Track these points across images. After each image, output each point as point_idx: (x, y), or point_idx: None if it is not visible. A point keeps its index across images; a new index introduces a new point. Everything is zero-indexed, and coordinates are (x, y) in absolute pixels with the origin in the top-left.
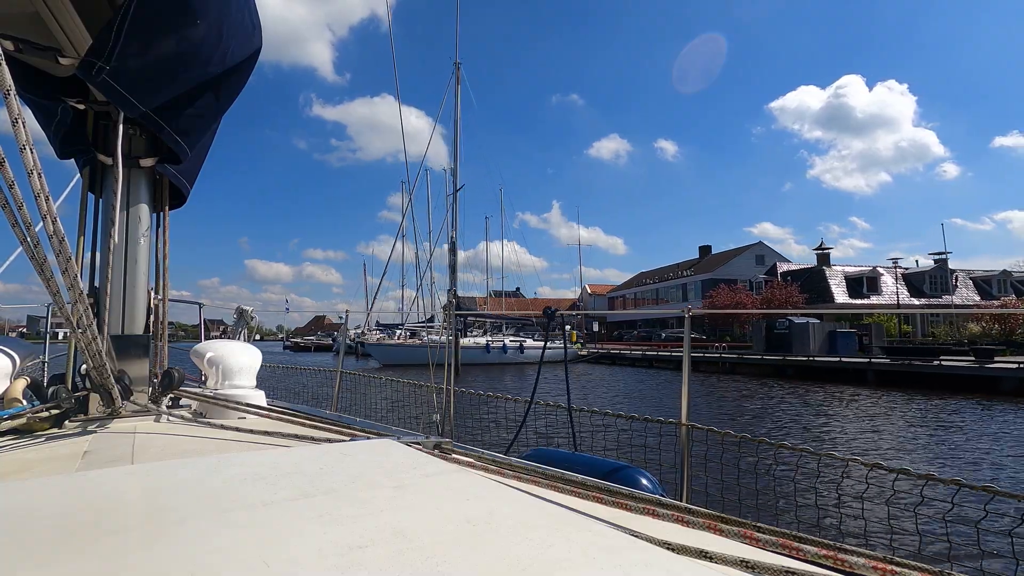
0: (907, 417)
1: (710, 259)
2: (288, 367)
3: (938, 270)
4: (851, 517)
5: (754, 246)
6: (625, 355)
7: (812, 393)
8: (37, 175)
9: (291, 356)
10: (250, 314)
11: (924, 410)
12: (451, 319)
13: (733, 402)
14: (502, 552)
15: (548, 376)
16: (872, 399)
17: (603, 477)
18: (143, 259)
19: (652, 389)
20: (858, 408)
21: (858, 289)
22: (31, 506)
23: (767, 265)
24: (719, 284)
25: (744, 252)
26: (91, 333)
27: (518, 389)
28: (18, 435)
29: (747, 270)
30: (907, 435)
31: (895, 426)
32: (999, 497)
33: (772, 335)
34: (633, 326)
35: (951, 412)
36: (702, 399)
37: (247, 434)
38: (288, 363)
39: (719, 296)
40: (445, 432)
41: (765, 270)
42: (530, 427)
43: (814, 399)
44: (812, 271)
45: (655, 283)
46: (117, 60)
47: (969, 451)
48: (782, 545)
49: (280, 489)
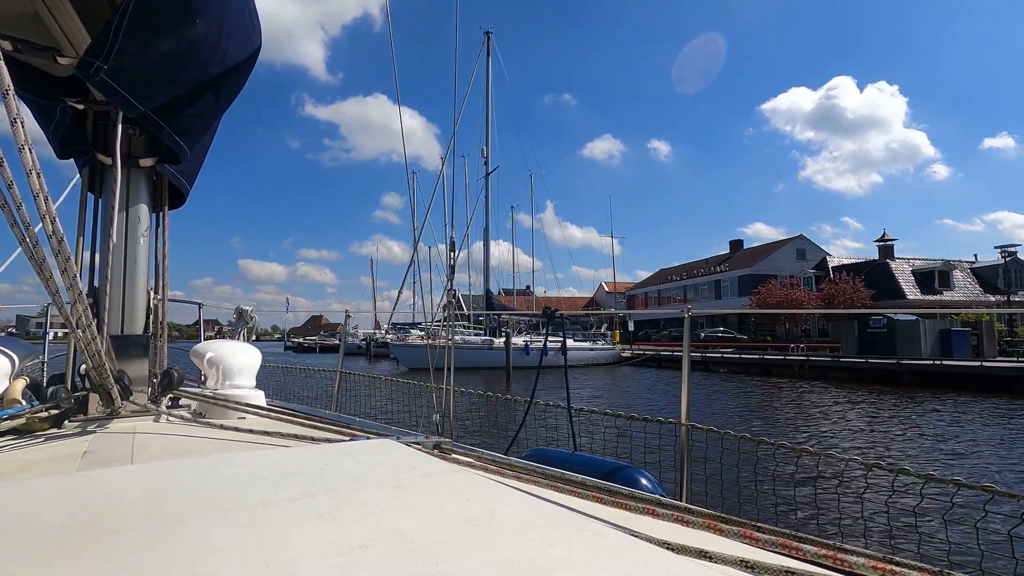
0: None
1: (744, 254)
2: (288, 367)
3: (1013, 263)
4: (851, 517)
5: (795, 239)
6: (678, 356)
7: (971, 407)
8: (36, 175)
9: (295, 358)
10: (250, 314)
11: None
12: (451, 320)
13: (884, 424)
14: (502, 552)
15: (588, 382)
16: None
17: (603, 477)
18: (143, 259)
19: (764, 403)
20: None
21: (929, 284)
22: (31, 506)
23: (809, 259)
24: (768, 280)
25: (784, 246)
26: (91, 333)
27: (575, 399)
28: (18, 435)
29: (788, 265)
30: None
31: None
32: (999, 497)
33: (866, 335)
34: (655, 325)
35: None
36: (821, 417)
37: (247, 434)
38: (295, 365)
39: (770, 293)
40: (445, 432)
41: (812, 264)
42: (530, 427)
43: (993, 415)
44: (874, 265)
45: (681, 280)
46: (116, 60)
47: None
48: (782, 545)
49: (280, 489)
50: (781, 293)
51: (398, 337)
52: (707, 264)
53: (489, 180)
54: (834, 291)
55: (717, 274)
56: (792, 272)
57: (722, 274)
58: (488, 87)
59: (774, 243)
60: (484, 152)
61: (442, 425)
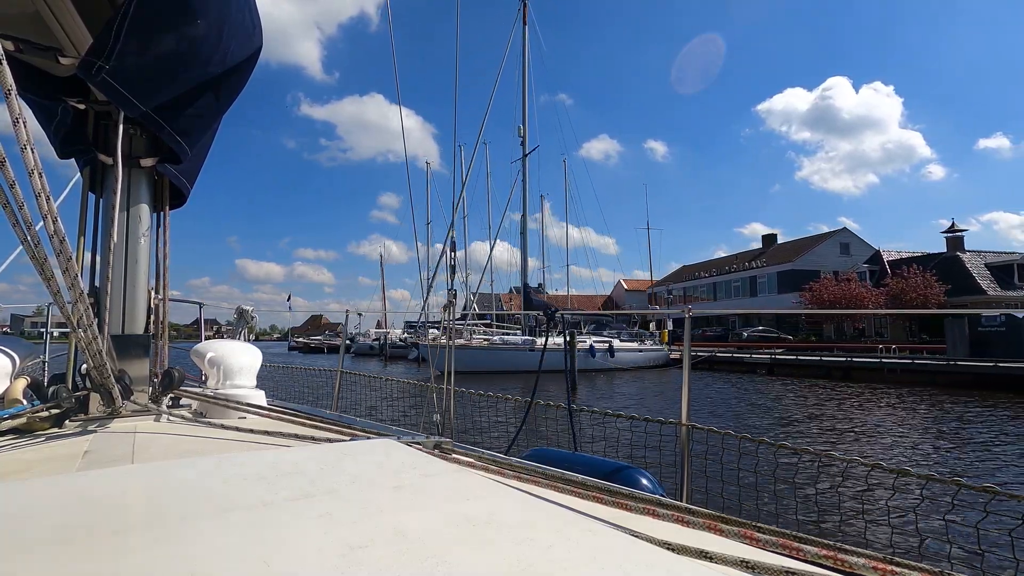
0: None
1: (779, 249)
2: (290, 367)
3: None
4: (851, 517)
5: (838, 232)
6: (742, 359)
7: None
8: (38, 175)
9: (301, 360)
10: (250, 314)
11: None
12: (451, 321)
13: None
14: (502, 552)
15: (636, 388)
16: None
17: (603, 477)
18: (143, 259)
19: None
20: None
21: (1007, 279)
22: (31, 506)
23: (853, 254)
24: (813, 276)
25: (827, 240)
26: (91, 333)
27: (634, 406)
28: (18, 435)
29: (832, 259)
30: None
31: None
32: (999, 497)
33: (978, 334)
34: (682, 325)
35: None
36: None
37: (247, 434)
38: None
39: (824, 289)
40: (445, 432)
41: (858, 259)
42: (530, 427)
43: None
44: (944, 258)
45: (710, 276)
46: (117, 59)
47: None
48: (782, 545)
49: (280, 489)
50: (838, 290)
51: (426, 338)
52: (738, 260)
53: (527, 162)
54: (903, 287)
55: (752, 270)
56: (836, 267)
57: (758, 270)
58: (525, 57)
59: (815, 236)
60: (520, 131)
61: (442, 425)
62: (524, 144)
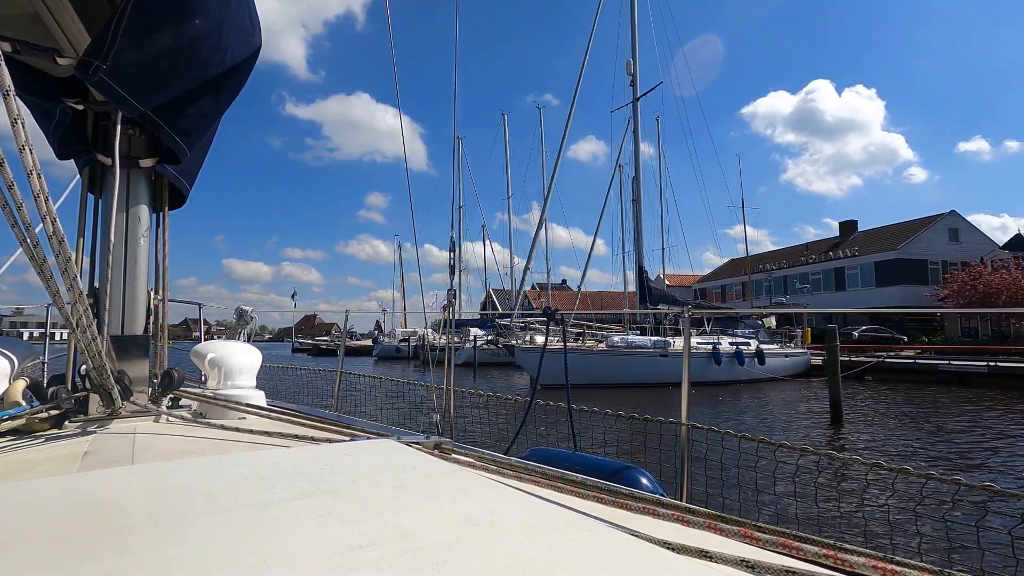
0: None
1: (868, 236)
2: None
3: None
4: (851, 516)
5: (945, 217)
6: (931, 367)
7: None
8: (37, 175)
9: (314, 363)
10: (250, 314)
11: None
12: (451, 321)
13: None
14: (502, 552)
15: (791, 404)
16: None
17: (603, 477)
18: (143, 259)
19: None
20: None
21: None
22: (32, 507)
23: (963, 240)
24: (956, 266)
25: (932, 224)
26: (91, 333)
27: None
28: (18, 435)
29: (941, 247)
30: None
31: None
32: (999, 497)
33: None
34: None
35: None
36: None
37: (247, 434)
38: None
39: (974, 278)
40: (445, 432)
41: (973, 246)
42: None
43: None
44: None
45: (781, 268)
46: (115, 59)
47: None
48: (782, 545)
49: (280, 489)
50: (997, 279)
51: (521, 340)
52: (809, 249)
53: (638, 106)
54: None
55: (838, 260)
56: (947, 256)
57: (847, 260)
58: None
59: (916, 221)
60: (630, 66)
61: (442, 425)
62: (635, 83)
